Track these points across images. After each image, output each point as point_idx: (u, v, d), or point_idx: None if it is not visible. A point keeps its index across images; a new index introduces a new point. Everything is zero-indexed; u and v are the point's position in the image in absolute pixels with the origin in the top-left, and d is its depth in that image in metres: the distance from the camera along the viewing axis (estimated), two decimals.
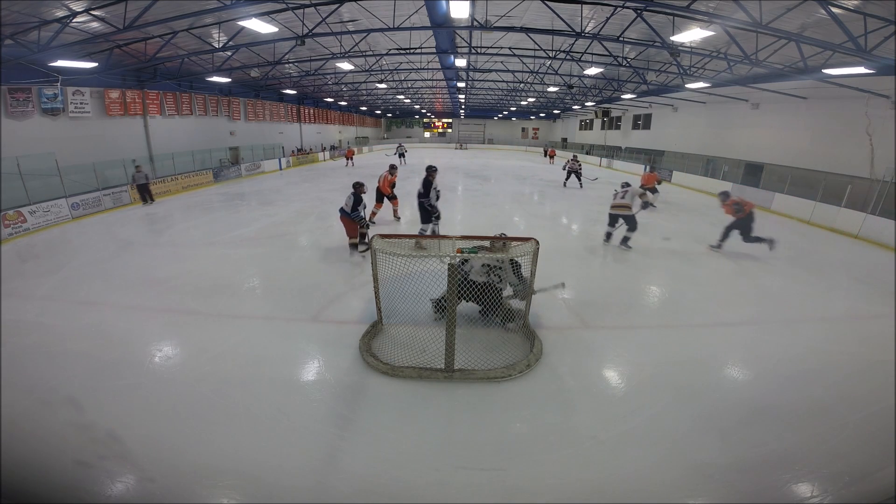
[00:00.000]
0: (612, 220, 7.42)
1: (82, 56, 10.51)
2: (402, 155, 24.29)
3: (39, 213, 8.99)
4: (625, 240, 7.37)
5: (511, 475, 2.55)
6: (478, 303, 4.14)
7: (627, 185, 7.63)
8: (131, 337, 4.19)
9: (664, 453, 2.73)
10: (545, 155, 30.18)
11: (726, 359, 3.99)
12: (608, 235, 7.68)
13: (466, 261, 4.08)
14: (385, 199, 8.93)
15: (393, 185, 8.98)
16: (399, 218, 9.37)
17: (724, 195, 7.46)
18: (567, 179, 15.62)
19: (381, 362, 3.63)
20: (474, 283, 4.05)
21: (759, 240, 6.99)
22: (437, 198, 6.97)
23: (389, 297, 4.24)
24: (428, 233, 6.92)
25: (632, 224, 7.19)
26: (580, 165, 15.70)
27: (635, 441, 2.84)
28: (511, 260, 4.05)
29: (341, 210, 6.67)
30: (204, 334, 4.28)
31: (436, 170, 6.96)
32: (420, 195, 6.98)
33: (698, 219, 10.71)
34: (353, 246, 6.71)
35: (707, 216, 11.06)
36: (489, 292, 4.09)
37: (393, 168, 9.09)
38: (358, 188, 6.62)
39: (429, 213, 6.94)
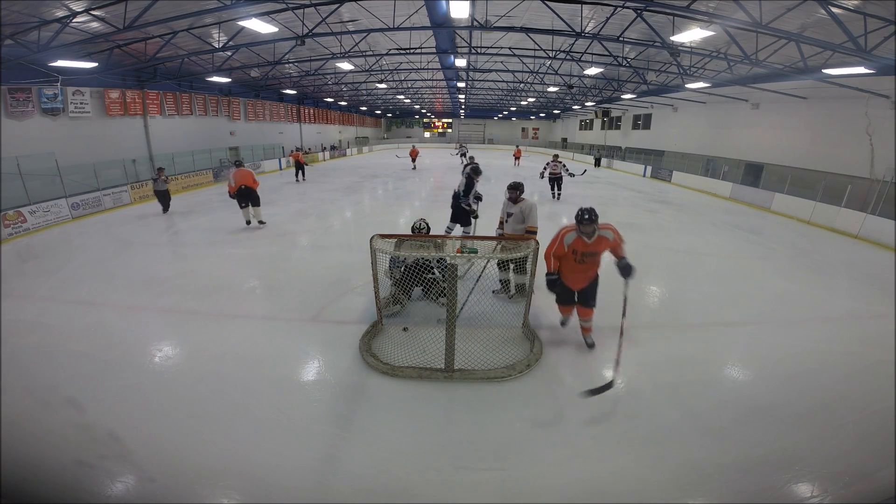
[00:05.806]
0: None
1: (82, 56, 10.50)
2: (463, 155, 22.96)
3: (39, 213, 8.99)
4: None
5: (511, 475, 2.55)
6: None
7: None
8: (131, 337, 4.19)
9: (664, 453, 2.73)
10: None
11: (726, 358, 3.99)
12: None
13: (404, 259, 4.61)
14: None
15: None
16: None
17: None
18: (553, 189, 12.67)
19: (381, 362, 3.63)
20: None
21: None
22: (480, 199, 6.68)
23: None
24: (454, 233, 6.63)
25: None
26: (563, 167, 12.59)
27: (635, 441, 2.84)
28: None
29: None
30: (204, 334, 4.29)
31: (478, 171, 6.57)
32: (459, 196, 6.60)
33: (699, 219, 10.72)
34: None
35: (706, 216, 11.07)
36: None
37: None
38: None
39: (466, 213, 6.65)
